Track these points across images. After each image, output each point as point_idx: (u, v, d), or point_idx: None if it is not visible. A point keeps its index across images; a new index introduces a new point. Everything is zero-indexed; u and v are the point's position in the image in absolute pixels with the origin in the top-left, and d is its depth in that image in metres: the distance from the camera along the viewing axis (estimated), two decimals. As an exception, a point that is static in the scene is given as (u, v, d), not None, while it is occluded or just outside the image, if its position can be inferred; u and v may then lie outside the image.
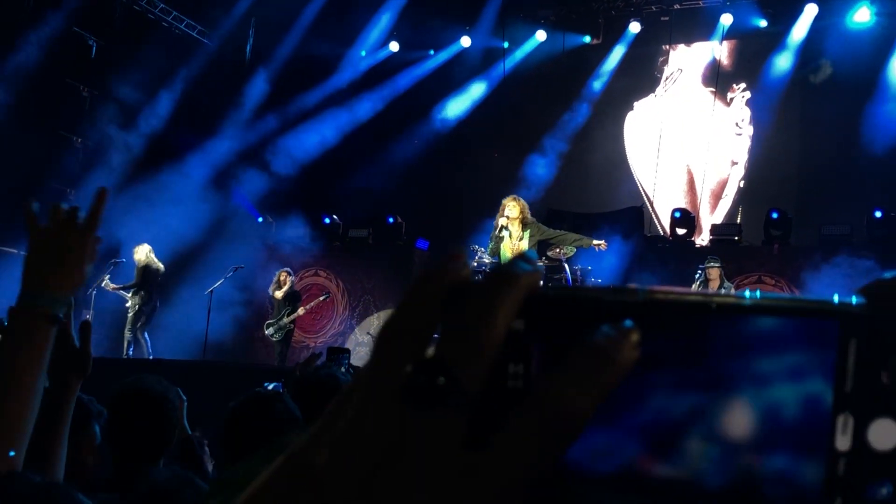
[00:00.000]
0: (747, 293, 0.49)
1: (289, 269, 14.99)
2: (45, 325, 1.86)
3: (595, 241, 11.77)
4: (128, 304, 14.26)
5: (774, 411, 0.48)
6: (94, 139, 16.50)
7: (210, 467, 5.36)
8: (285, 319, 14.55)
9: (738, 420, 0.48)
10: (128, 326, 14.20)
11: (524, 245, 11.39)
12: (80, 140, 16.37)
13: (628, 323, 0.49)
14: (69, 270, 1.96)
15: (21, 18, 15.02)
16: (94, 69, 16.46)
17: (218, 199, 17.46)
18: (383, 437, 0.48)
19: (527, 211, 11.50)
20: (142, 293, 14.18)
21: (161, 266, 14.62)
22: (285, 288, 14.73)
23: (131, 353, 14.01)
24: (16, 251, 14.85)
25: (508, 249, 11.35)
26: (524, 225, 11.44)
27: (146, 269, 14.21)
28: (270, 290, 14.99)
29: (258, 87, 18.62)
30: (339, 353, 4.81)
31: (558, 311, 0.50)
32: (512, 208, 11.39)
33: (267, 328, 14.74)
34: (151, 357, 13.88)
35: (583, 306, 0.50)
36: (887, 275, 0.50)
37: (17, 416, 1.78)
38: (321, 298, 15.39)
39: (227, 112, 18.36)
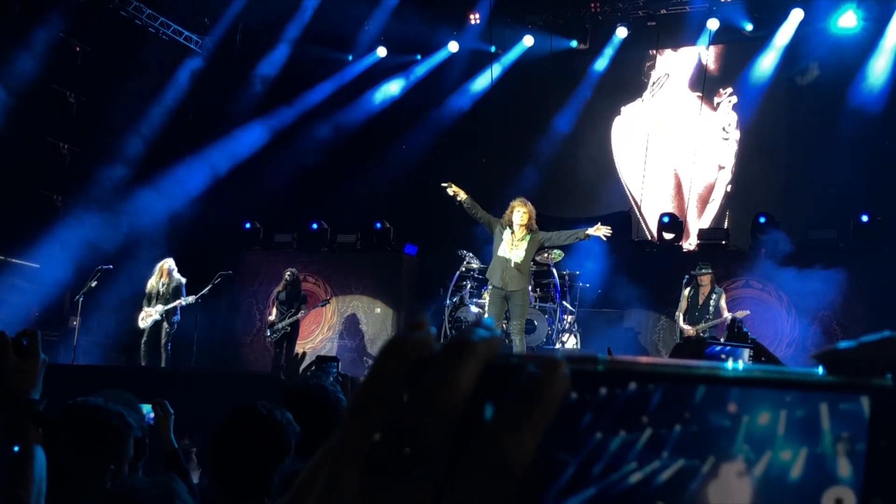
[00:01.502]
0: (718, 364, 0.50)
1: (293, 270, 14.74)
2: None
3: (591, 231, 11.32)
4: (157, 318, 13.96)
5: (744, 482, 0.48)
6: (82, 148, 16.42)
7: (196, 477, 5.34)
8: (283, 322, 14.35)
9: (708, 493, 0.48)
10: (164, 341, 13.94)
11: (521, 248, 11.38)
12: (66, 146, 16.30)
13: (557, 356, 0.50)
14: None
15: (8, 26, 14.96)
16: (82, 76, 16.41)
17: (205, 205, 17.43)
18: None
19: (533, 219, 11.47)
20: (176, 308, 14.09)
21: None
22: (289, 289, 14.49)
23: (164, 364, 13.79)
24: (3, 257, 14.81)
25: (508, 246, 11.40)
26: (528, 230, 11.43)
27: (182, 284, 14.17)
28: (275, 293, 14.81)
29: (246, 94, 18.60)
30: (327, 362, 4.75)
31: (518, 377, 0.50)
32: (522, 216, 11.35)
33: (266, 329, 14.61)
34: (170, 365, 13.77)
35: None
36: (842, 344, 0.50)
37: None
38: (319, 305, 15.33)
39: (215, 119, 18.33)
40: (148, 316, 13.90)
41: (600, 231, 11.31)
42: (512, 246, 11.39)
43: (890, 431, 0.47)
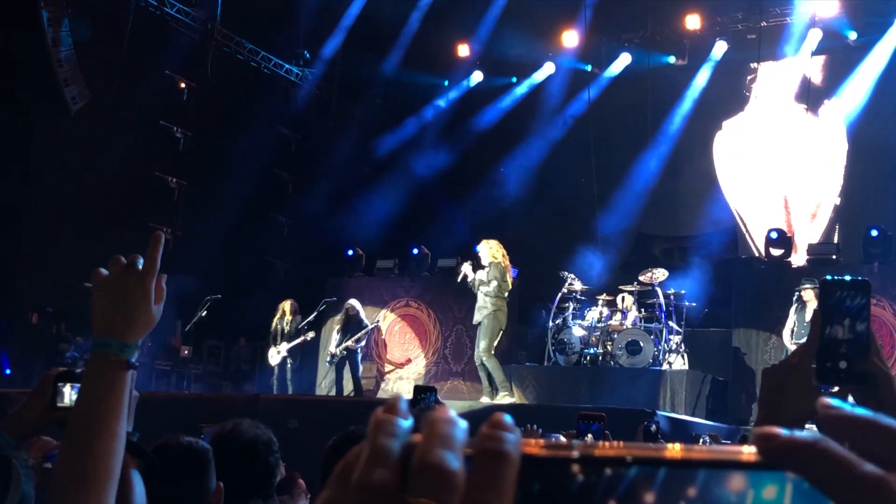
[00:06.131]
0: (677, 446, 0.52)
1: (353, 301, 14.78)
2: (121, 371, 1.90)
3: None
4: (285, 355, 14.55)
5: None
6: (190, 181, 16.86)
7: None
8: (333, 348, 14.55)
9: None
10: (289, 376, 14.63)
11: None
12: (174, 180, 16.77)
13: (501, 416, 0.53)
14: (135, 316, 1.96)
15: (116, 64, 15.50)
16: (188, 111, 16.89)
17: (309, 233, 17.70)
18: None
19: (489, 253, 12.23)
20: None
21: None
22: (341, 316, 14.78)
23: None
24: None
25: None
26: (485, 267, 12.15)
27: None
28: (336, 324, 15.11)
29: (347, 123, 18.88)
30: (425, 392, 4.65)
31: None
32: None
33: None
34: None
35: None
36: (782, 431, 0.51)
37: (109, 460, 1.83)
38: (363, 331, 14.91)
39: (317, 150, 18.65)
40: (277, 354, 14.44)
41: None
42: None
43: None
